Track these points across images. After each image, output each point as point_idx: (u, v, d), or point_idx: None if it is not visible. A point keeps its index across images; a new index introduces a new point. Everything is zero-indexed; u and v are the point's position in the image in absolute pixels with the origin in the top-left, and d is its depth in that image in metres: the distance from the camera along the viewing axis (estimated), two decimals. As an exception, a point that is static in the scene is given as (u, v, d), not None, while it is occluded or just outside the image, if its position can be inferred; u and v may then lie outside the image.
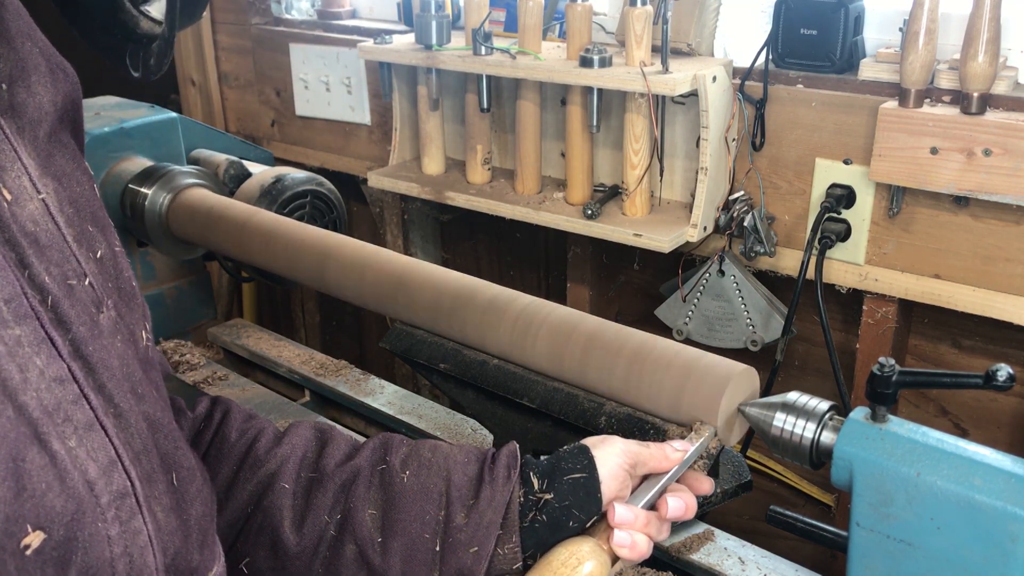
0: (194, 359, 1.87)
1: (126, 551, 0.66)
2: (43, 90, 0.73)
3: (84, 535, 0.62)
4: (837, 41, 1.68)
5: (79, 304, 0.68)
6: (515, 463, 0.97)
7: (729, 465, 1.30)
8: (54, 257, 0.67)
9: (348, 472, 0.97)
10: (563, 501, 0.94)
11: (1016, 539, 0.85)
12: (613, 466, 0.97)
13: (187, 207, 1.83)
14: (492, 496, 0.94)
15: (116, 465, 0.66)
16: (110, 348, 0.70)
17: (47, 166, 0.71)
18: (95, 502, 0.64)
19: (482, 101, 1.96)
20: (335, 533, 0.94)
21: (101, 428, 0.66)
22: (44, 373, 0.62)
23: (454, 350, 1.37)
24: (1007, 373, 0.87)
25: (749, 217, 1.81)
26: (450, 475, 0.96)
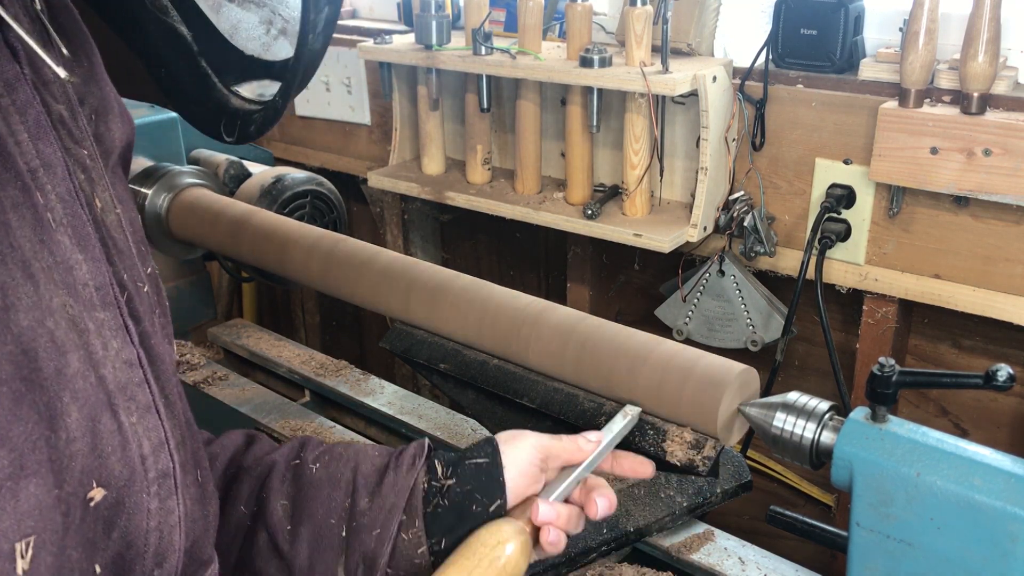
0: (194, 359, 1.87)
1: (159, 526, 0.72)
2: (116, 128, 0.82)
3: (131, 502, 0.69)
4: (837, 41, 1.69)
5: (144, 304, 0.77)
6: (421, 453, 1.01)
7: (729, 465, 1.30)
8: (127, 262, 0.76)
9: (264, 466, 1.02)
10: (465, 486, 0.97)
11: (1016, 539, 0.85)
12: (523, 461, 0.99)
13: (187, 207, 1.83)
14: (395, 481, 0.98)
15: (164, 447, 0.73)
16: (161, 347, 0.78)
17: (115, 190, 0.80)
18: (144, 475, 0.71)
19: (482, 101, 1.96)
20: (250, 523, 0.99)
21: (156, 412, 0.73)
22: (119, 354, 0.71)
23: (454, 350, 1.37)
24: (1007, 373, 0.87)
25: (749, 217, 1.81)
26: (358, 465, 1.00)
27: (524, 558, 0.93)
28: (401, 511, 0.96)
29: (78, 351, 0.67)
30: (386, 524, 0.96)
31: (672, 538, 1.30)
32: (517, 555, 0.92)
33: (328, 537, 0.96)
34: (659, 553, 1.29)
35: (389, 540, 0.95)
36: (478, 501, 0.97)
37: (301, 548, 0.96)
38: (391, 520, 0.96)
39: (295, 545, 0.97)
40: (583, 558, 1.21)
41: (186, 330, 2.14)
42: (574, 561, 1.20)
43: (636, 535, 1.24)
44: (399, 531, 0.96)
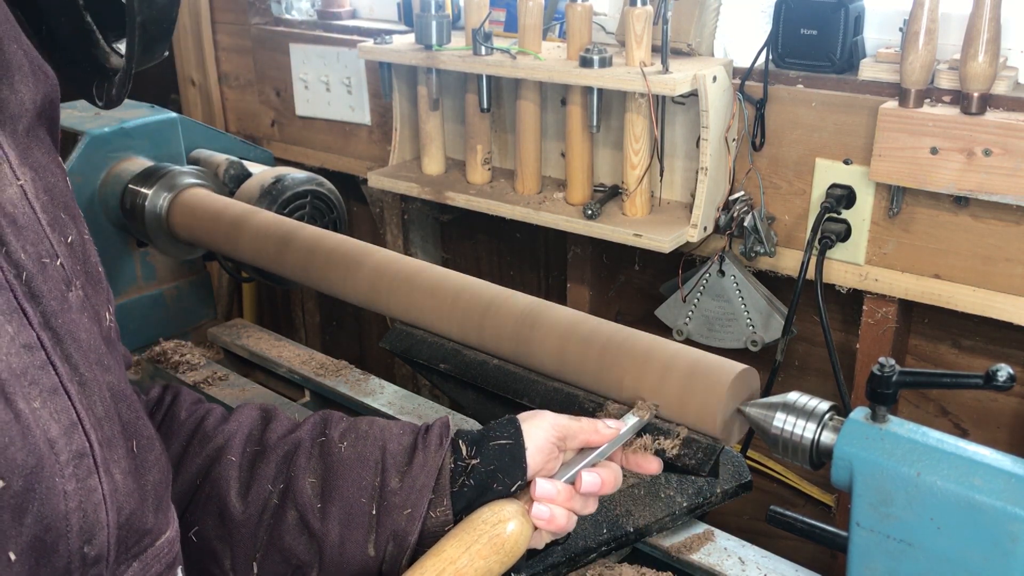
0: (194, 359, 1.87)
1: (80, 506, 0.71)
2: (24, 88, 0.78)
3: (42, 488, 0.69)
4: (837, 41, 1.68)
5: (51, 281, 0.74)
6: (447, 433, 1.04)
7: (729, 465, 1.30)
8: (30, 237, 0.73)
9: (289, 444, 1.03)
10: (489, 465, 1.00)
11: (1016, 539, 0.85)
12: (540, 438, 1.02)
13: (187, 207, 1.83)
14: (424, 462, 1.00)
15: (77, 427, 0.72)
16: (78, 323, 0.76)
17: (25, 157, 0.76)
18: (55, 459, 0.70)
19: (482, 101, 1.96)
20: (278, 501, 1.00)
21: (65, 393, 0.72)
22: (15, 340, 0.69)
23: (454, 350, 1.37)
24: (1007, 373, 0.87)
25: (749, 217, 1.81)
26: (386, 444, 1.02)
27: (524, 538, 0.96)
28: (430, 490, 0.99)
29: None
30: (417, 503, 0.99)
31: (672, 538, 1.30)
32: (517, 534, 0.94)
33: (358, 515, 0.99)
34: (659, 553, 1.29)
35: (419, 519, 0.98)
36: (500, 480, 1.00)
37: (332, 526, 0.98)
38: (421, 499, 0.99)
39: (326, 523, 0.98)
40: (583, 558, 1.21)
41: (186, 330, 2.14)
42: (574, 561, 1.20)
43: (636, 535, 1.24)
44: (428, 509, 0.99)
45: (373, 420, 1.07)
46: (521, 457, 1.00)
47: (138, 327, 2.04)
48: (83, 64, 0.84)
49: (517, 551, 0.95)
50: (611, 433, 1.06)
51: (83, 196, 1.91)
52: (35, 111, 0.79)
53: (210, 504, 1.01)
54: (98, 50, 0.83)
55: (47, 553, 0.70)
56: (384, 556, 0.99)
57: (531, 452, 1.00)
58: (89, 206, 1.92)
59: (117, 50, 0.82)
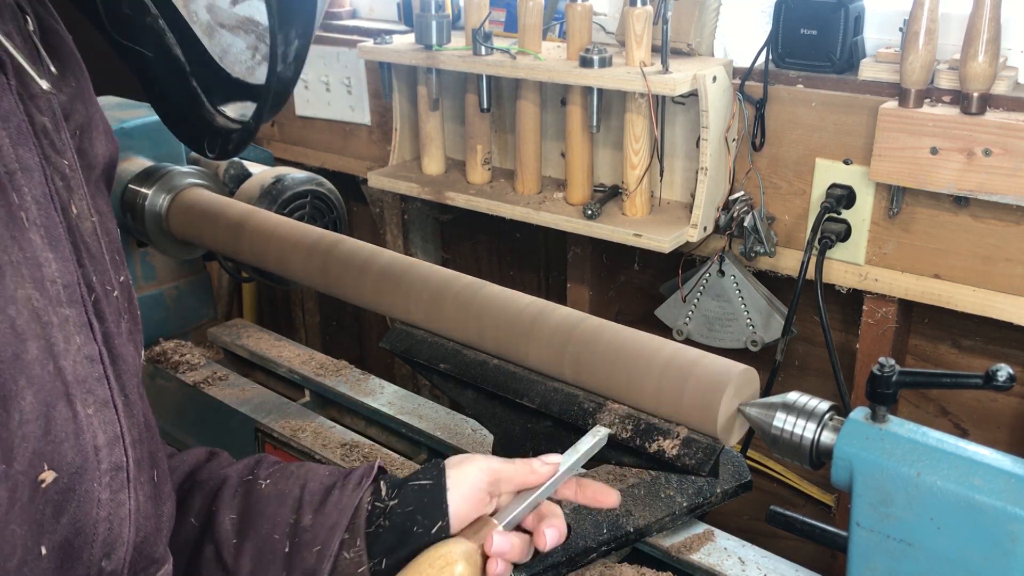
0: (194, 359, 1.87)
1: (109, 517, 0.75)
2: (99, 145, 0.88)
3: (81, 490, 0.73)
4: (837, 41, 1.69)
5: (111, 307, 0.81)
6: (369, 474, 1.02)
7: (729, 465, 1.30)
8: (99, 266, 0.81)
9: (217, 480, 1.04)
10: (407, 507, 0.98)
11: (1016, 539, 0.85)
12: (468, 483, 0.98)
13: (187, 207, 1.82)
14: (339, 499, 0.99)
15: (119, 441, 0.76)
16: (126, 349, 0.82)
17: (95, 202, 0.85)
18: (97, 465, 0.74)
19: (482, 101, 1.96)
20: (198, 536, 1.01)
21: (113, 407, 0.76)
22: (81, 349, 0.75)
23: (454, 350, 1.36)
24: (1007, 373, 0.87)
25: (749, 217, 1.81)
26: (307, 482, 1.02)
27: None
28: (343, 529, 0.97)
29: (38, 340, 0.71)
30: (327, 541, 0.97)
31: (672, 538, 1.30)
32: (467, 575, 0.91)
33: (271, 552, 0.98)
34: (659, 553, 1.29)
35: (330, 558, 0.96)
36: (419, 523, 0.96)
37: (244, 562, 0.98)
38: (332, 537, 0.97)
39: (239, 559, 0.98)
40: (583, 558, 1.20)
41: (186, 330, 2.13)
42: (574, 561, 1.20)
43: (636, 535, 1.24)
44: (340, 549, 0.96)
45: (305, 463, 1.06)
46: (441, 498, 0.97)
47: (138, 327, 2.03)
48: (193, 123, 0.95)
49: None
50: (548, 472, 1.00)
51: (83, 196, 1.90)
52: (102, 167, 0.89)
53: None
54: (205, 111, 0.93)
55: (71, 559, 0.73)
56: None
57: (457, 497, 0.97)
58: (89, 206, 1.91)
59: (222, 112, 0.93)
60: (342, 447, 1.55)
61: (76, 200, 0.80)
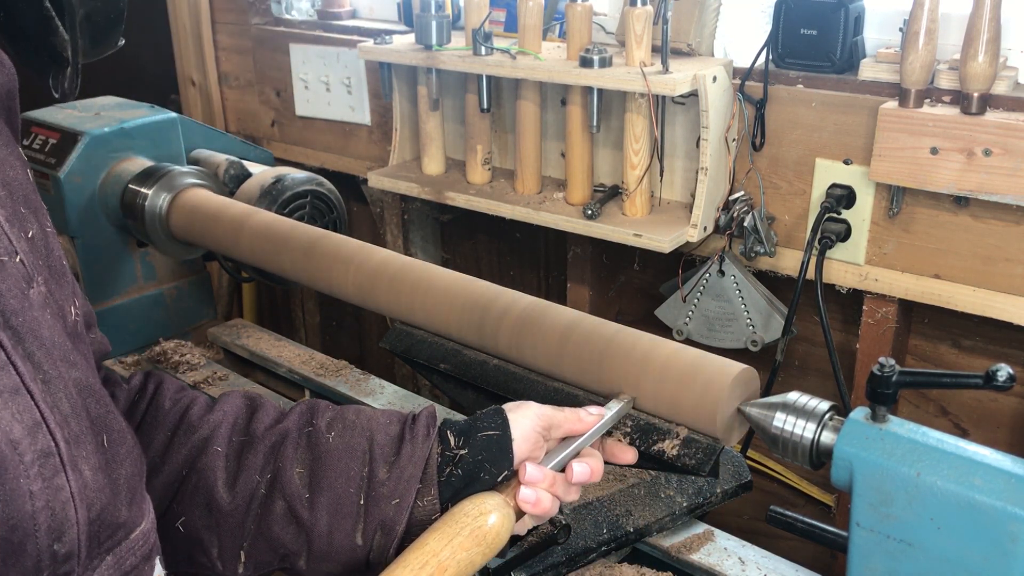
0: (194, 359, 1.87)
1: (48, 505, 0.71)
2: None
3: (5, 490, 0.68)
4: (837, 41, 1.68)
5: (10, 279, 0.73)
6: (433, 423, 1.06)
7: (729, 465, 1.30)
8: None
9: (277, 434, 1.04)
10: (476, 456, 1.02)
11: (1016, 539, 0.85)
12: (526, 427, 1.04)
13: (187, 207, 1.83)
14: (412, 452, 1.02)
15: (41, 427, 0.71)
16: (40, 320, 0.75)
17: None
18: (18, 460, 0.69)
19: (482, 101, 1.96)
20: (265, 491, 1.01)
21: (27, 392, 0.71)
22: None
23: (454, 350, 1.37)
24: (1007, 373, 0.87)
25: (749, 217, 1.81)
26: (373, 434, 1.04)
27: (506, 529, 0.97)
28: (418, 480, 1.01)
29: None
30: (405, 494, 1.00)
31: (672, 538, 1.30)
32: (499, 526, 0.96)
33: (347, 505, 1.00)
34: (659, 553, 1.29)
35: (407, 508, 1.00)
36: (487, 470, 1.01)
37: (321, 516, 1.00)
38: (409, 490, 1.00)
39: (314, 512, 1.00)
40: (583, 558, 1.20)
41: (186, 330, 2.14)
42: (574, 561, 1.20)
43: (636, 535, 1.24)
44: (415, 499, 1.00)
45: (360, 409, 1.08)
46: (508, 448, 1.02)
47: (138, 327, 2.04)
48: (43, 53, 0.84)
49: (499, 542, 0.97)
50: (593, 420, 1.09)
51: (83, 196, 1.91)
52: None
53: (197, 495, 1.02)
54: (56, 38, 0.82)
55: (14, 553, 0.69)
56: (372, 545, 1.00)
57: (517, 442, 1.03)
58: (89, 206, 1.92)
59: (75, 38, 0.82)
60: (342, 447, 1.55)
61: None
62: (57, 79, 0.85)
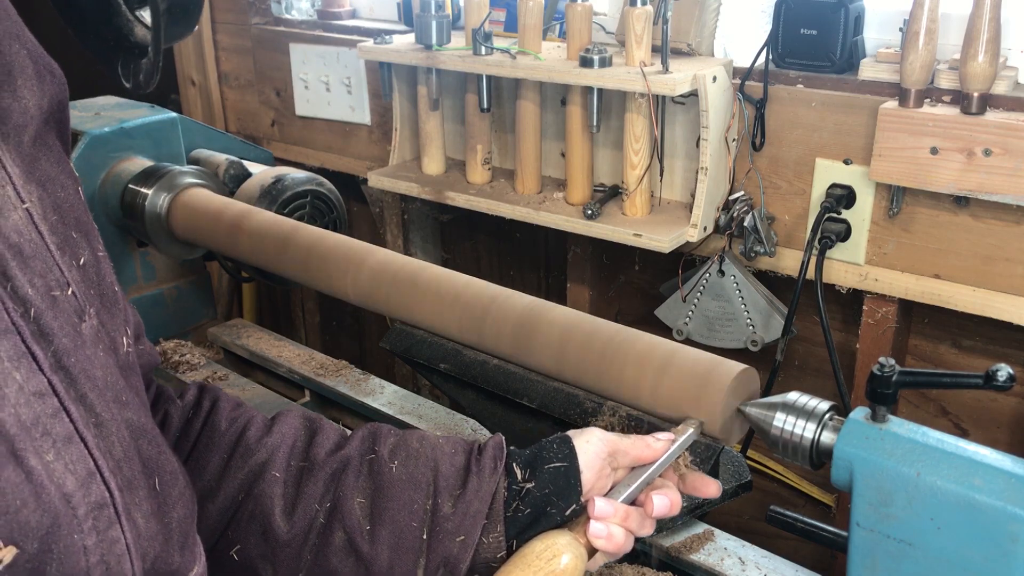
0: (194, 359, 1.87)
1: (102, 560, 0.66)
2: (29, 93, 0.71)
3: (59, 547, 0.63)
4: (837, 41, 1.68)
5: (62, 315, 0.67)
6: (501, 454, 0.99)
7: (729, 465, 1.30)
8: (37, 268, 0.67)
9: (338, 461, 0.99)
10: (543, 489, 0.96)
11: (1016, 539, 0.85)
12: (591, 455, 0.99)
13: (187, 207, 1.83)
14: (479, 487, 0.96)
15: (95, 476, 0.66)
16: (92, 358, 0.69)
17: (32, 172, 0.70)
18: (72, 514, 0.64)
19: (482, 101, 1.96)
20: (324, 521, 0.96)
21: (80, 440, 0.66)
22: (23, 388, 0.62)
23: (454, 350, 1.36)
24: (1007, 373, 0.87)
25: (749, 217, 1.81)
26: (438, 465, 0.98)
27: (579, 571, 0.92)
28: (484, 516, 0.95)
29: None
30: (470, 530, 0.95)
31: (672, 538, 1.30)
32: (571, 567, 0.91)
33: (409, 539, 0.95)
34: (659, 553, 1.29)
35: (472, 545, 0.94)
36: (555, 504, 0.96)
37: (381, 549, 0.94)
38: (475, 526, 0.95)
39: (375, 546, 0.95)
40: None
41: (186, 330, 2.14)
42: (574, 561, 1.20)
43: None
44: (481, 535, 0.95)
45: (423, 436, 1.02)
46: (576, 480, 0.96)
47: (138, 327, 2.03)
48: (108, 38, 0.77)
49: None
50: (662, 447, 1.02)
51: (83, 196, 1.91)
52: (42, 117, 0.73)
53: (253, 522, 0.97)
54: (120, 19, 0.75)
55: None
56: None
57: (583, 471, 0.97)
58: (89, 206, 1.91)
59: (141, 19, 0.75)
60: (342, 447, 1.55)
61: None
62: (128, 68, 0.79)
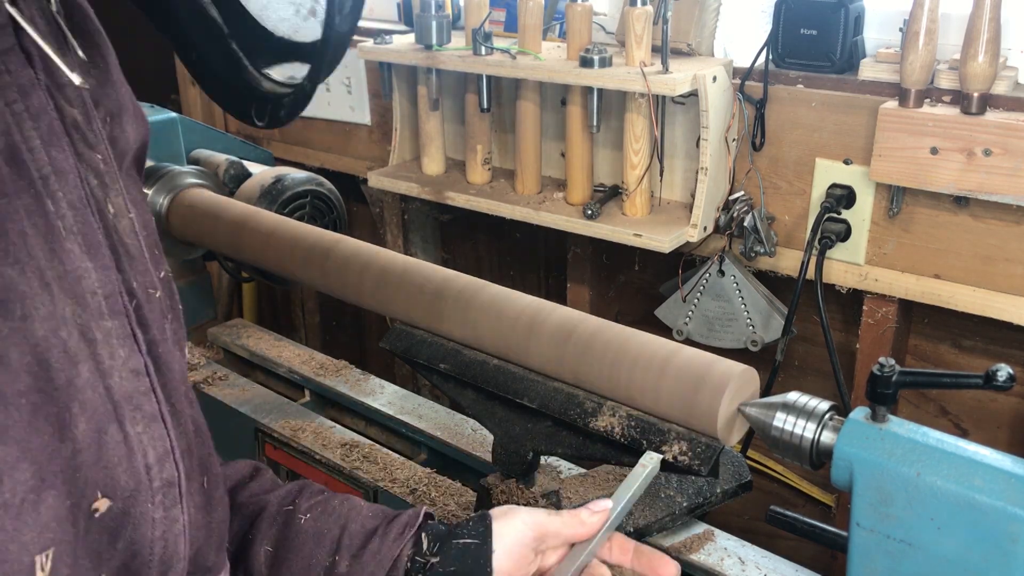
0: (194, 359, 1.87)
1: (164, 535, 0.71)
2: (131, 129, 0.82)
3: (136, 512, 0.69)
4: (837, 41, 1.69)
5: (155, 311, 0.76)
6: (413, 523, 0.96)
7: (729, 465, 1.30)
8: (139, 267, 0.76)
9: (256, 506, 0.99)
10: (448, 567, 0.92)
11: (1016, 539, 0.85)
12: (511, 540, 0.93)
13: (187, 207, 1.82)
14: (379, 549, 0.93)
15: (169, 456, 0.72)
16: (172, 355, 0.77)
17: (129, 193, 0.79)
18: (149, 485, 0.70)
19: (482, 101, 1.96)
20: (231, 561, 0.94)
21: (162, 421, 0.72)
22: (126, 363, 0.70)
23: (454, 350, 1.36)
24: (1007, 373, 0.87)
25: (749, 217, 1.81)
26: (347, 523, 0.96)
27: None
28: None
29: (88, 361, 0.67)
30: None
31: (672, 538, 1.30)
32: None
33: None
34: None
35: None
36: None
37: None
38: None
39: None
40: (583, 558, 1.20)
41: (186, 330, 2.13)
42: (574, 561, 1.20)
43: (636, 535, 1.24)
44: None
45: (348, 498, 1.01)
46: (486, 562, 0.91)
47: (138, 327, 2.03)
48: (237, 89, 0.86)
49: None
50: (597, 522, 0.94)
51: (83, 196, 1.90)
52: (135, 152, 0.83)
53: None
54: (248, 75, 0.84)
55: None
56: None
57: (501, 555, 0.91)
58: (89, 206, 1.91)
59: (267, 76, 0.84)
60: (342, 447, 1.55)
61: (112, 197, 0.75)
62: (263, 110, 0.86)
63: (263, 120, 0.87)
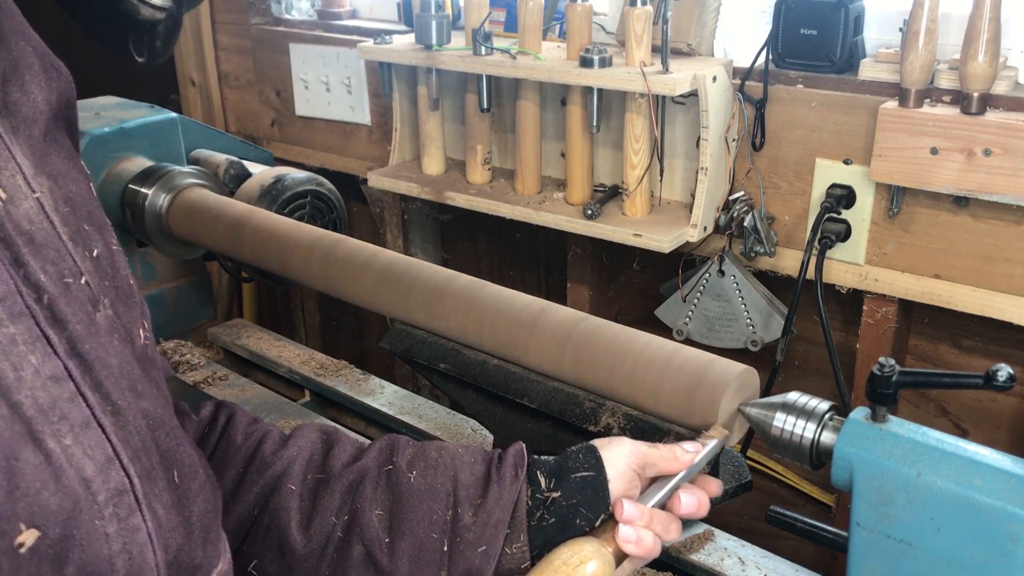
0: (194, 359, 1.87)
1: (125, 548, 0.66)
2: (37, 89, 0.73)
3: (81, 533, 0.63)
4: (837, 41, 1.68)
5: (75, 302, 0.68)
6: (522, 462, 0.97)
7: (729, 465, 1.30)
8: (50, 255, 0.67)
9: (355, 473, 0.97)
10: (570, 499, 0.94)
11: (1016, 539, 0.85)
12: (621, 466, 0.96)
13: (187, 207, 1.82)
14: (500, 495, 0.94)
15: (113, 463, 0.66)
16: (107, 346, 0.70)
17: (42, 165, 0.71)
18: (92, 500, 0.64)
19: (482, 101, 1.96)
20: (342, 534, 0.94)
21: (98, 426, 0.66)
22: (39, 371, 0.63)
23: (454, 350, 1.36)
24: (1007, 373, 0.87)
25: (749, 217, 1.81)
26: (457, 474, 0.96)
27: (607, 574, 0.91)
28: (506, 526, 0.93)
29: None
30: (492, 540, 0.92)
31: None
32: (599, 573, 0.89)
33: (429, 551, 0.93)
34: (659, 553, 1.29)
35: (495, 556, 0.92)
36: (583, 515, 0.94)
37: (401, 562, 0.92)
38: (497, 536, 0.93)
39: (394, 559, 0.93)
40: (583, 558, 1.20)
41: (186, 330, 2.14)
42: (574, 561, 1.20)
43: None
44: (503, 545, 0.93)
45: (442, 446, 1.01)
46: (604, 490, 0.94)
47: (138, 327, 2.03)
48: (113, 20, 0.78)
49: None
50: (690, 459, 1.00)
51: (83, 196, 1.90)
52: (51, 113, 0.74)
53: (270, 537, 0.95)
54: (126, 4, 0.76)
55: None
56: None
57: (613, 481, 0.95)
58: (89, 206, 1.91)
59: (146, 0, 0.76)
60: (342, 447, 1.55)
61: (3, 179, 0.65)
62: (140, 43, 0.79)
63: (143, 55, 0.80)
